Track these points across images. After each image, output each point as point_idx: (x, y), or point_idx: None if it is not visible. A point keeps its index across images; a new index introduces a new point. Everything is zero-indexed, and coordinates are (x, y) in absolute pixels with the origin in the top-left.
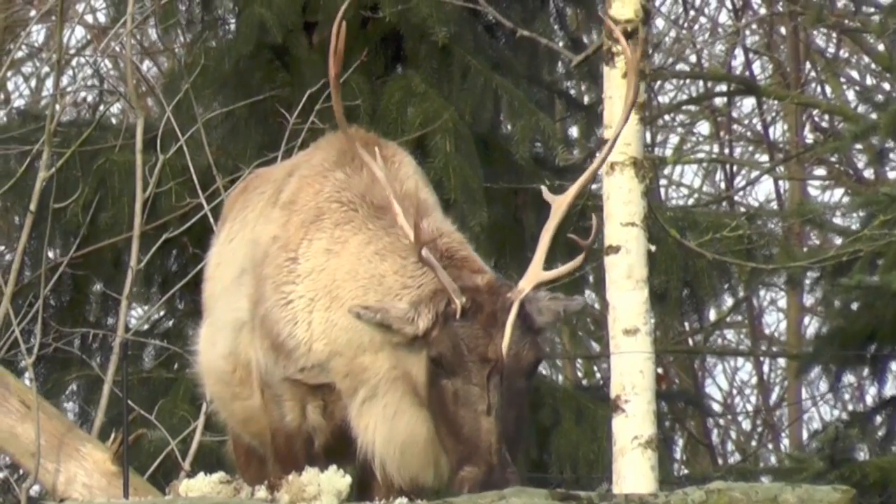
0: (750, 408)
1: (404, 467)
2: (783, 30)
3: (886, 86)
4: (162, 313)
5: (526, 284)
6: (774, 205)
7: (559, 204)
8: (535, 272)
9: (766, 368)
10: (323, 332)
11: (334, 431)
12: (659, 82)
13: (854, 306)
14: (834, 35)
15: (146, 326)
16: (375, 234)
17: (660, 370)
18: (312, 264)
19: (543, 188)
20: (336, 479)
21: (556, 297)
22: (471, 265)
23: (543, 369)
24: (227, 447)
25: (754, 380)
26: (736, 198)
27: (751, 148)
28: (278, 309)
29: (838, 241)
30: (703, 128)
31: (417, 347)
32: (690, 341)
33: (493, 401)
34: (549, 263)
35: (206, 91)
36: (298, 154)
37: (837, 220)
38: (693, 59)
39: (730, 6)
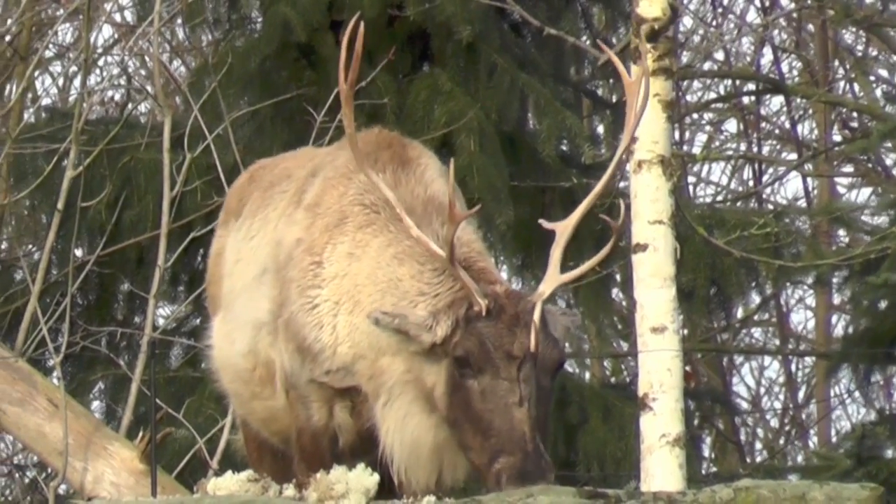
0: (777, 406)
1: (413, 471)
2: (811, 27)
3: None
4: (189, 312)
5: (546, 287)
6: (802, 203)
7: (563, 229)
8: (554, 276)
9: (793, 367)
10: (347, 335)
11: (360, 431)
12: (687, 81)
13: (882, 305)
14: (862, 33)
15: (173, 325)
16: (396, 237)
17: (687, 368)
18: (336, 269)
19: (542, 221)
20: (364, 478)
21: (565, 313)
22: (487, 276)
23: (570, 367)
24: (238, 440)
25: (782, 378)
26: (764, 196)
27: (779, 146)
28: (304, 313)
29: (866, 239)
30: (731, 125)
31: (435, 357)
32: (718, 339)
33: (525, 393)
34: (575, 259)
35: (233, 90)
36: (320, 151)
37: (865, 219)
38: (721, 56)
39: (758, 4)
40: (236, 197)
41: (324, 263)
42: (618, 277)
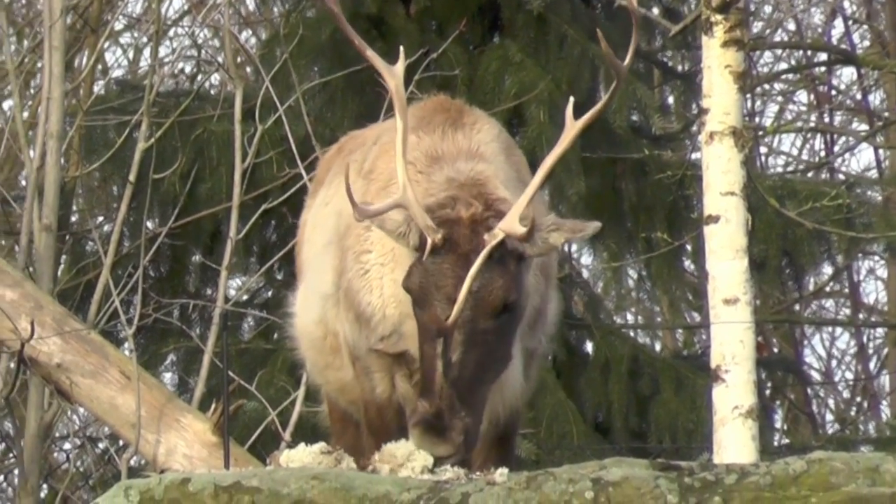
0: (849, 377)
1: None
2: None
3: None
4: (261, 284)
5: (505, 227)
6: (874, 173)
7: (570, 127)
8: (515, 213)
9: (865, 338)
10: (392, 294)
11: None
12: (758, 52)
13: None
14: None
15: (245, 297)
16: (429, 188)
17: (759, 338)
18: None
19: (569, 109)
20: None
21: (559, 227)
22: (474, 190)
23: (646, 338)
24: (322, 412)
25: (853, 349)
26: (835, 166)
27: (850, 117)
28: (358, 279)
29: None
30: (802, 96)
31: None
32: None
33: (444, 346)
34: (647, 231)
35: (304, 61)
36: (389, 120)
37: None
38: (792, 27)
39: None
40: (325, 167)
41: (372, 227)
42: (689, 249)
